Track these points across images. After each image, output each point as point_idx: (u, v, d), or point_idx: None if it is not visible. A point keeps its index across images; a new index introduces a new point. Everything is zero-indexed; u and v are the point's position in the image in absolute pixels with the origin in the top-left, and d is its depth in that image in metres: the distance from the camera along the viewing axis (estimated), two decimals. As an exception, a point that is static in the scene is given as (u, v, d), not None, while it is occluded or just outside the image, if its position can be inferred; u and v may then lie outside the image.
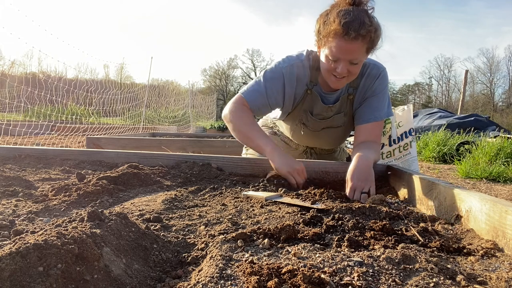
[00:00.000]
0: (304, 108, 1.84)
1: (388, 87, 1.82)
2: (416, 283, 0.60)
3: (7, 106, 9.85)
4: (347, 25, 1.44)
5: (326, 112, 1.82)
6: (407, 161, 2.54)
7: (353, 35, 1.45)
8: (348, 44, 1.47)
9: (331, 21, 1.49)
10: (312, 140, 2.05)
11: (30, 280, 0.54)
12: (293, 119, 1.91)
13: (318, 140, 2.03)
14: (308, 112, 1.84)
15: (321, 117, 1.85)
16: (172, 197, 1.27)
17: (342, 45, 1.48)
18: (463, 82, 11.33)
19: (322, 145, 2.11)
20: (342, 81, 1.63)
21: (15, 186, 1.37)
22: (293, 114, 1.88)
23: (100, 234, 0.70)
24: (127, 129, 9.05)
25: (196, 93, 21.34)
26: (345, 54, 1.51)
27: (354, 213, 1.04)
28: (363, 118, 1.77)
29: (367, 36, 1.48)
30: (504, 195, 3.32)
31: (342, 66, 1.54)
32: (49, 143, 6.44)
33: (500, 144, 5.06)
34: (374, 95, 1.76)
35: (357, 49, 1.49)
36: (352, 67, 1.56)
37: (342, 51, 1.50)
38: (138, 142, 3.47)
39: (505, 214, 0.81)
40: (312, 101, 1.81)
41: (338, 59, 1.53)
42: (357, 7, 1.50)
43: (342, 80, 1.61)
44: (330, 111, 1.82)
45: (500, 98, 43.12)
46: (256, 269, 0.62)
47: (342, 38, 1.47)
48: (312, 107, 1.83)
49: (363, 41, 1.48)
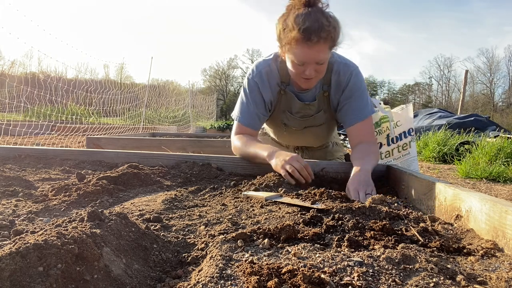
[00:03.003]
0: (282, 109, 1.88)
1: (365, 85, 1.83)
2: (416, 283, 0.60)
3: (7, 106, 9.85)
4: (307, 31, 1.46)
5: (305, 110, 1.85)
6: (407, 161, 2.54)
7: (315, 40, 1.47)
8: (311, 49, 1.50)
9: (290, 27, 1.50)
10: (297, 139, 2.07)
11: (30, 280, 0.54)
12: (275, 121, 1.96)
13: (303, 139, 2.06)
14: (287, 112, 1.88)
15: (301, 115, 1.87)
16: (172, 197, 1.27)
17: (305, 51, 1.51)
18: (463, 82, 11.33)
19: (308, 143, 2.13)
20: (312, 81, 1.67)
21: (15, 186, 1.37)
22: (273, 116, 1.93)
23: (100, 234, 0.70)
24: (127, 129, 9.05)
25: (196, 93, 21.34)
26: (310, 58, 1.54)
27: (354, 213, 1.04)
28: (348, 121, 1.79)
29: (328, 37, 1.50)
30: (504, 195, 3.32)
31: (310, 69, 1.57)
32: (49, 143, 6.44)
33: (500, 144, 5.06)
34: (352, 96, 1.77)
35: (320, 51, 1.52)
36: (319, 67, 1.59)
37: (306, 56, 1.53)
38: (138, 142, 3.47)
39: (505, 214, 0.81)
40: (288, 101, 1.85)
41: (304, 63, 1.56)
42: (312, 8, 1.51)
43: (311, 80, 1.65)
44: (309, 109, 1.85)
45: (500, 98, 43.13)
46: (256, 269, 0.62)
47: (304, 44, 1.49)
48: (290, 106, 1.86)
49: (325, 43, 1.51)
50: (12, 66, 21.69)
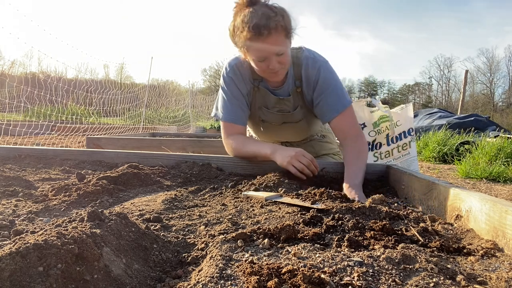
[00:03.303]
0: (258, 105, 1.89)
1: (337, 76, 1.82)
2: (416, 283, 0.60)
3: (7, 106, 9.85)
4: (256, 27, 1.51)
5: (280, 105, 1.85)
6: (407, 161, 2.54)
7: (265, 33, 1.51)
8: (266, 42, 1.54)
9: (240, 29, 1.56)
10: (277, 135, 2.07)
11: (30, 280, 0.54)
12: (252, 119, 1.97)
13: (283, 134, 2.05)
14: (264, 108, 1.89)
15: (278, 110, 1.87)
16: (172, 197, 1.27)
17: (261, 46, 1.55)
18: (463, 82, 11.33)
19: (289, 138, 2.11)
20: (279, 73, 1.69)
21: (15, 186, 1.37)
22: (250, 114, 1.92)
23: (100, 234, 0.70)
24: (127, 129, 9.06)
25: (196, 93, 21.34)
26: (268, 52, 1.58)
27: (354, 213, 1.04)
28: (326, 117, 1.78)
29: (278, 26, 1.53)
30: (504, 195, 3.32)
31: (273, 62, 1.60)
32: (49, 143, 6.44)
33: (500, 144, 5.07)
34: (324, 91, 1.76)
35: (276, 42, 1.55)
36: (281, 58, 1.61)
37: (264, 52, 1.57)
38: (138, 142, 3.47)
39: (505, 214, 0.81)
40: (263, 97, 1.86)
41: (265, 58, 1.60)
42: (255, 5, 1.56)
43: (278, 72, 1.67)
44: (285, 105, 1.85)
45: (500, 98, 43.13)
46: (256, 269, 0.62)
47: (258, 40, 1.53)
48: (265, 102, 1.88)
49: (277, 33, 1.54)
50: (12, 66, 21.70)
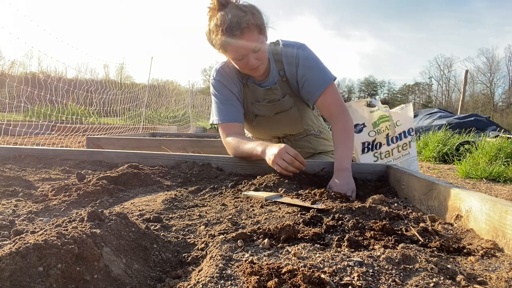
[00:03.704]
0: (250, 101, 1.96)
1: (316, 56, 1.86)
2: (416, 283, 0.60)
3: (7, 106, 9.85)
4: (229, 29, 1.57)
5: (269, 95, 1.91)
6: (407, 161, 2.54)
7: (238, 33, 1.57)
8: (240, 41, 1.60)
9: (215, 33, 1.63)
10: (271, 129, 2.08)
11: (30, 280, 0.54)
12: (246, 116, 2.01)
13: (277, 127, 2.06)
14: (255, 102, 1.95)
15: (268, 101, 1.93)
16: (172, 197, 1.27)
17: (236, 45, 1.61)
18: (463, 82, 11.33)
19: (284, 131, 2.11)
20: (259, 68, 1.75)
21: (15, 186, 1.37)
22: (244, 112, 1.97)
23: (100, 234, 0.70)
24: (127, 129, 9.05)
25: (196, 93, 21.34)
26: (244, 50, 1.63)
27: (354, 213, 1.04)
28: (312, 96, 1.82)
29: (250, 25, 1.59)
30: (504, 195, 3.32)
31: (250, 59, 1.66)
32: (49, 143, 6.44)
33: (500, 144, 5.07)
34: (306, 71, 1.81)
35: (250, 40, 1.61)
36: (258, 54, 1.67)
37: (240, 49, 1.63)
38: (138, 142, 3.47)
39: (505, 214, 0.81)
40: (252, 92, 1.93)
41: (242, 56, 1.66)
42: (226, 7, 1.61)
43: (258, 67, 1.74)
44: (273, 94, 1.90)
45: (500, 98, 43.14)
46: (256, 269, 0.62)
47: (232, 40, 1.60)
48: (255, 96, 1.94)
49: (250, 31, 1.59)
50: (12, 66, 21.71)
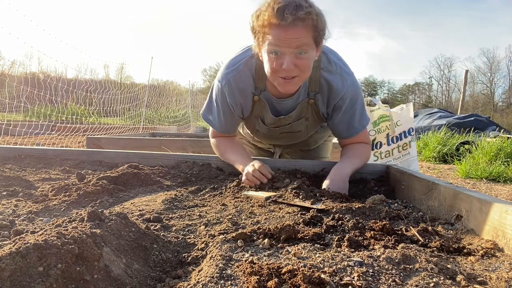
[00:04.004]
0: (255, 115, 1.68)
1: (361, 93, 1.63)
2: (416, 283, 0.60)
3: (7, 106, 9.86)
4: (282, 10, 1.27)
5: (279, 121, 1.66)
6: (407, 161, 2.54)
7: (290, 19, 1.26)
8: (287, 31, 1.29)
9: (263, 10, 1.32)
10: (271, 142, 1.97)
11: (30, 280, 0.54)
12: (249, 124, 1.81)
13: (280, 141, 1.94)
14: (260, 120, 1.69)
15: (275, 126, 1.69)
16: (172, 197, 1.27)
17: (281, 34, 1.29)
18: (463, 82, 11.33)
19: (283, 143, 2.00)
20: (293, 82, 1.40)
21: (15, 186, 1.37)
22: (246, 120, 1.77)
23: (100, 234, 0.70)
24: (127, 129, 9.06)
25: (196, 93, 21.32)
26: (287, 42, 1.30)
27: (354, 213, 1.04)
28: (340, 134, 1.67)
29: (308, 20, 1.29)
30: (504, 195, 3.32)
31: (288, 60, 1.32)
32: (49, 143, 6.44)
33: (500, 144, 5.07)
34: (347, 110, 1.58)
35: (298, 36, 1.30)
36: (300, 60, 1.34)
37: (282, 40, 1.30)
38: (138, 142, 3.47)
39: (505, 214, 0.81)
40: (261, 109, 1.64)
41: (281, 51, 1.33)
42: None
43: (292, 81, 1.39)
44: (285, 120, 1.65)
45: (500, 98, 43.12)
46: (256, 269, 0.62)
47: (279, 26, 1.29)
48: (262, 115, 1.66)
49: (304, 26, 1.29)
50: (12, 66, 21.73)
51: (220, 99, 1.65)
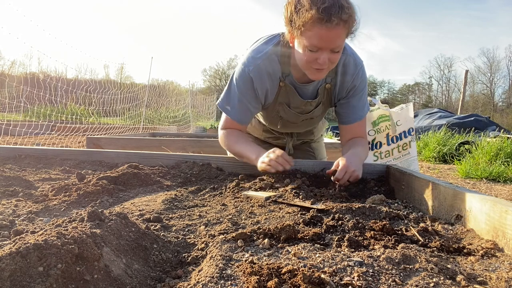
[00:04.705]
0: (280, 101, 1.74)
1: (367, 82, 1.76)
2: (416, 283, 0.60)
3: (7, 106, 9.85)
4: (328, 11, 1.32)
5: (305, 106, 1.75)
6: (407, 161, 2.54)
7: (335, 21, 1.33)
8: (330, 32, 1.35)
9: (307, 7, 1.35)
10: (288, 129, 2.03)
11: (30, 280, 0.54)
12: (269, 112, 1.84)
13: (294, 129, 2.01)
14: (285, 105, 1.76)
15: (300, 111, 1.78)
16: (172, 197, 1.27)
17: (323, 34, 1.36)
18: (463, 82, 11.33)
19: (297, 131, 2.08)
20: (323, 72, 1.51)
21: (15, 186, 1.37)
22: (268, 107, 1.80)
23: (100, 234, 0.70)
24: (127, 129, 9.05)
25: (196, 93, 21.34)
26: (327, 43, 1.38)
27: (354, 213, 1.04)
28: (346, 119, 1.76)
29: (349, 21, 1.37)
30: (504, 195, 3.32)
31: (324, 57, 1.41)
32: (49, 143, 6.44)
33: (500, 144, 5.07)
34: (356, 94, 1.70)
35: (339, 36, 1.38)
36: (333, 56, 1.44)
37: (323, 40, 1.37)
38: (138, 142, 3.47)
39: (505, 214, 0.81)
40: (287, 94, 1.71)
41: (319, 49, 1.40)
42: None
43: (323, 71, 1.49)
44: (310, 105, 1.75)
45: (500, 98, 43.12)
46: (256, 269, 0.62)
47: (323, 26, 1.34)
48: (288, 99, 1.73)
49: (344, 27, 1.37)
50: (12, 66, 21.73)
51: (243, 86, 1.66)
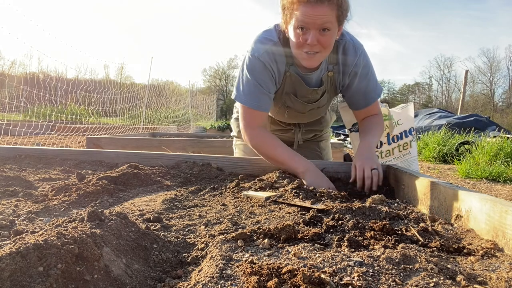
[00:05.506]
0: (286, 91, 1.76)
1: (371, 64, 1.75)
2: (416, 283, 0.60)
3: (7, 106, 9.85)
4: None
5: (311, 94, 1.77)
6: (407, 161, 2.54)
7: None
8: (314, 8, 1.42)
9: None
10: (296, 119, 2.02)
11: (30, 280, 0.54)
12: (276, 102, 1.84)
13: (302, 119, 2.02)
14: (292, 95, 1.77)
15: (307, 100, 1.79)
16: (172, 197, 1.27)
17: (308, 11, 1.42)
18: (463, 82, 11.34)
19: (306, 121, 2.07)
20: (315, 57, 1.53)
21: (15, 186, 1.37)
22: (275, 97, 1.79)
23: (100, 234, 0.70)
24: (127, 129, 9.06)
25: (196, 93, 21.34)
26: (313, 19, 1.43)
27: (354, 213, 1.04)
28: (358, 105, 1.80)
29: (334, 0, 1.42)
30: (504, 195, 3.32)
31: (312, 35, 1.45)
32: (49, 143, 6.44)
33: (500, 144, 5.07)
34: (361, 80, 1.71)
35: (324, 13, 1.42)
36: (323, 37, 1.47)
37: (309, 16, 1.43)
38: (138, 142, 3.47)
39: (505, 214, 0.81)
40: (293, 83, 1.73)
41: (307, 27, 1.46)
42: None
43: (315, 56, 1.52)
44: (316, 94, 1.77)
45: (500, 98, 43.12)
46: (256, 269, 0.62)
47: (307, 2, 1.42)
48: (294, 89, 1.75)
49: (330, 5, 1.42)
50: (12, 66, 21.75)
51: (256, 70, 1.64)
